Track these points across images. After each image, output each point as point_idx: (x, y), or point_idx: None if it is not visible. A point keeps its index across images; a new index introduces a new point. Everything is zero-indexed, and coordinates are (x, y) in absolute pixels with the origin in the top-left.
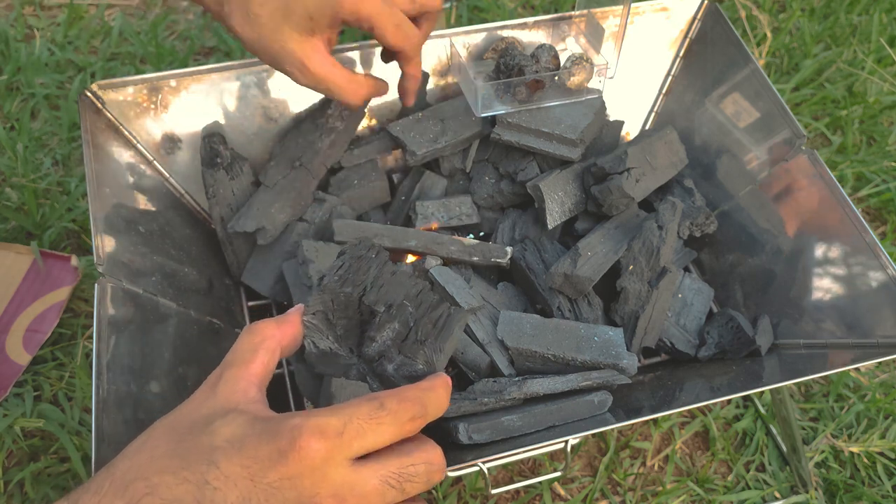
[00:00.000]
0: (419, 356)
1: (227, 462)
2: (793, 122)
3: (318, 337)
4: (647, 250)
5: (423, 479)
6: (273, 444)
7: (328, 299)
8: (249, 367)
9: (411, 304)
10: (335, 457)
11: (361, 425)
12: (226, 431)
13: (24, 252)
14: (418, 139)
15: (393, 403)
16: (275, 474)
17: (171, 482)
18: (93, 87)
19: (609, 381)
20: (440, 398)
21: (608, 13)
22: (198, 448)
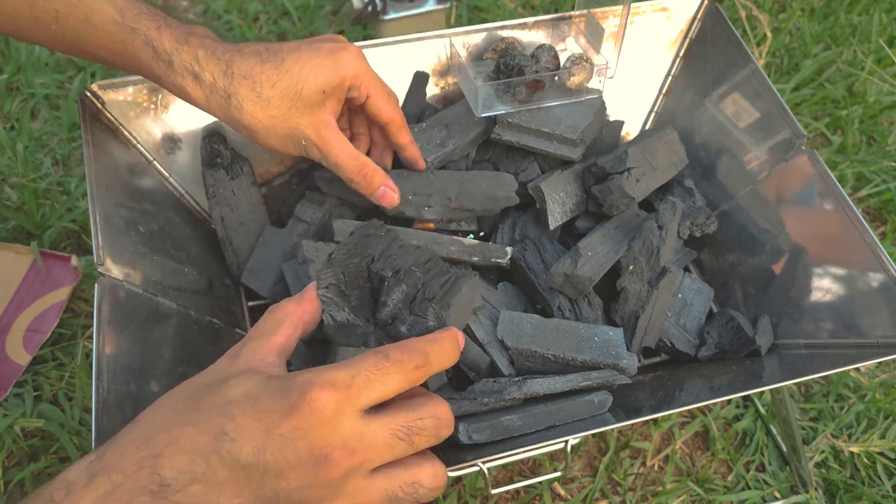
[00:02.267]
0: (429, 313)
1: (242, 415)
2: (793, 122)
3: (335, 310)
4: (648, 250)
5: (431, 432)
6: (285, 398)
7: (339, 272)
8: (271, 338)
9: (419, 270)
10: (345, 408)
11: (369, 376)
12: (241, 388)
13: (24, 252)
14: (426, 147)
15: (397, 354)
16: (287, 425)
17: (191, 433)
18: (93, 87)
19: (609, 381)
20: (445, 349)
21: (608, 13)
22: (215, 403)
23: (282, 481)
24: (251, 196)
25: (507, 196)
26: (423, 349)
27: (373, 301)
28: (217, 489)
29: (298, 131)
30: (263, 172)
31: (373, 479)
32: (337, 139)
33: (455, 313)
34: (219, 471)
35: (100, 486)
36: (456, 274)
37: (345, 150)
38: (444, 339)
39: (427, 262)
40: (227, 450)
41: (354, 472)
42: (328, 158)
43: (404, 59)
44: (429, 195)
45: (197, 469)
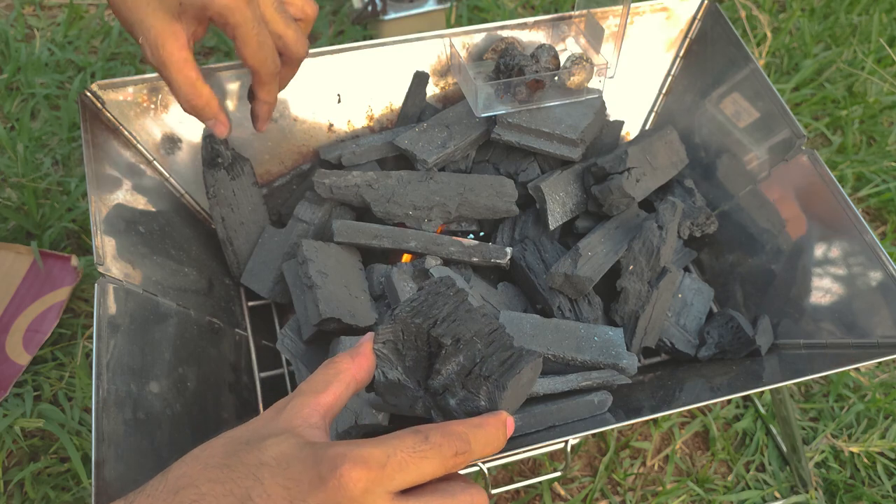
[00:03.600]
0: (481, 392)
1: (271, 480)
2: (793, 122)
3: (388, 367)
4: (648, 250)
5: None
6: (315, 469)
7: (398, 329)
8: (319, 396)
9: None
10: (375, 489)
11: (405, 458)
12: (275, 450)
13: (24, 252)
14: (427, 148)
15: (437, 437)
16: (313, 499)
17: (219, 492)
18: (93, 87)
19: (609, 381)
20: (489, 436)
21: (608, 13)
22: (247, 463)
23: None
24: (252, 196)
25: (508, 209)
26: (466, 435)
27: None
28: None
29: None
30: (264, 173)
31: None
32: (180, 50)
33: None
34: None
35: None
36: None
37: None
38: (490, 424)
39: (492, 333)
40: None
41: None
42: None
43: (404, 59)
44: (429, 209)
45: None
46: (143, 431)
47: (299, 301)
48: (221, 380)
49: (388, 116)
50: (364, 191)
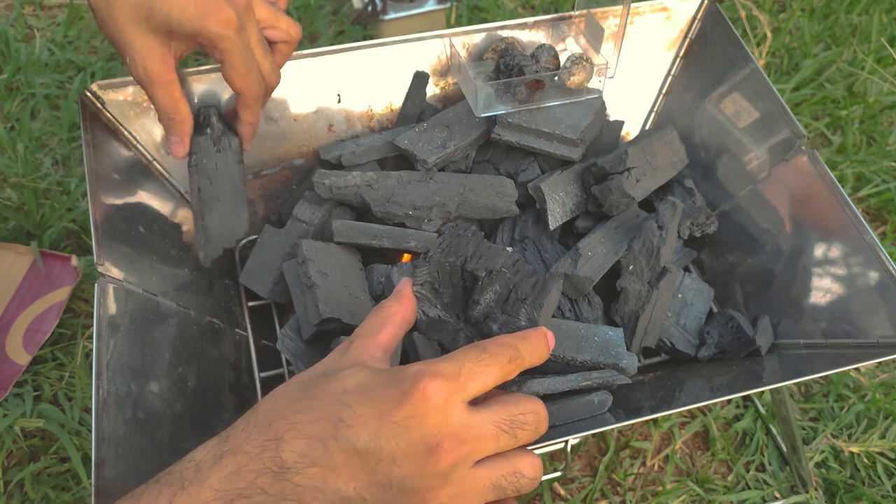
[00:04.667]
0: (521, 314)
1: (357, 403)
2: (793, 122)
3: (428, 306)
4: (648, 250)
5: (532, 427)
6: (398, 388)
7: (434, 270)
8: (377, 336)
9: (509, 271)
10: (453, 398)
11: (472, 368)
12: (354, 379)
13: (24, 252)
14: (427, 148)
15: (493, 347)
16: (400, 413)
17: (309, 420)
18: (93, 87)
19: (609, 381)
20: (535, 345)
21: (608, 13)
22: (330, 392)
23: (395, 468)
24: (234, 175)
25: (507, 209)
26: (515, 344)
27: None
28: (333, 473)
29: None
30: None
31: (477, 469)
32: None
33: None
34: (336, 455)
35: (226, 465)
36: (543, 277)
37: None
38: (534, 335)
39: (514, 263)
40: (344, 436)
41: (461, 463)
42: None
43: (404, 59)
44: (429, 209)
45: (315, 453)
46: (143, 431)
47: (299, 301)
48: (221, 380)
49: (388, 116)
50: (364, 191)
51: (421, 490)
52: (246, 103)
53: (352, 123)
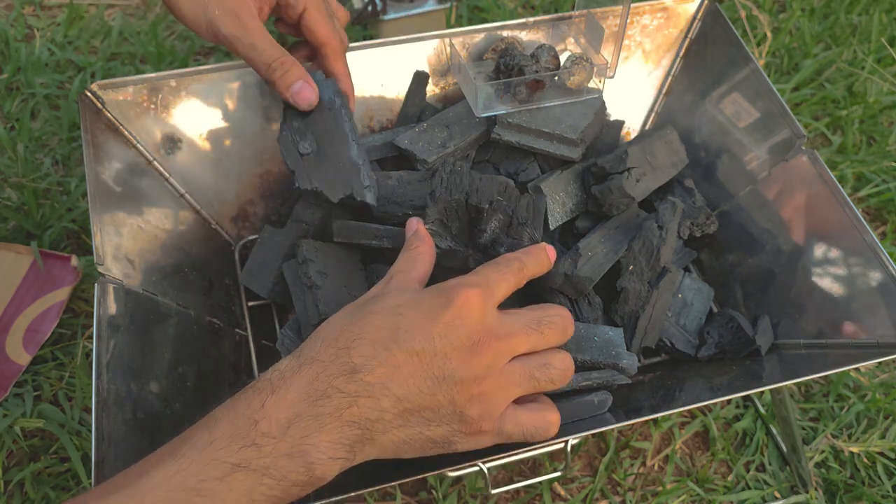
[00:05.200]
0: (524, 235)
1: (411, 313)
2: (793, 122)
3: (439, 240)
4: (648, 250)
5: (559, 326)
6: (443, 297)
7: (441, 208)
8: (412, 272)
9: (504, 199)
10: (487, 303)
11: (497, 277)
12: (403, 297)
13: (24, 252)
14: (427, 148)
15: (504, 261)
16: (448, 316)
17: (372, 329)
18: (93, 87)
19: (609, 381)
20: (538, 256)
21: (608, 13)
22: (384, 307)
23: (446, 362)
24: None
25: None
26: (521, 258)
27: (470, 229)
28: (397, 370)
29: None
30: (264, 173)
31: (513, 364)
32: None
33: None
34: (397, 356)
35: (307, 372)
36: (530, 197)
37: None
38: (535, 250)
39: (506, 190)
40: (403, 339)
41: (499, 356)
42: (244, 37)
43: (404, 59)
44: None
45: (380, 355)
46: (143, 431)
47: (299, 301)
48: (221, 380)
49: (388, 116)
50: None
51: (468, 380)
52: (335, 52)
53: None
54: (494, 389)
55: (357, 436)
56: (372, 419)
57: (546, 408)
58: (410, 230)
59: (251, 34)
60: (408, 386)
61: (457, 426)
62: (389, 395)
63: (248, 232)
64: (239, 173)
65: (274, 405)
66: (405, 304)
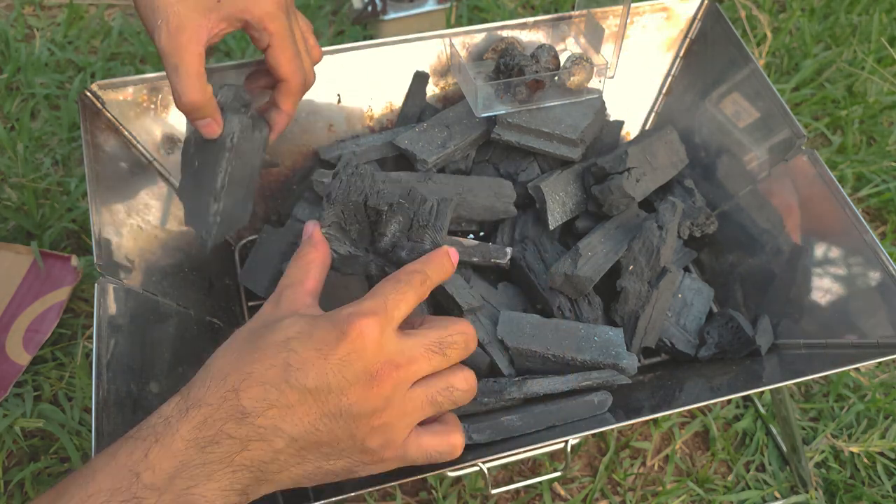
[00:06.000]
0: (426, 238)
1: (302, 348)
2: (793, 122)
3: (338, 245)
4: (647, 250)
5: (461, 345)
6: (336, 329)
7: (339, 210)
8: (304, 284)
9: (406, 201)
10: (385, 329)
11: (395, 298)
12: (294, 328)
13: (24, 252)
14: (427, 148)
15: (404, 275)
16: (342, 351)
17: (261, 368)
18: (93, 87)
19: (609, 381)
20: (438, 263)
21: (608, 13)
22: (274, 342)
23: (343, 398)
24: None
25: (506, 209)
26: (422, 269)
27: (370, 232)
28: (290, 411)
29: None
30: (264, 173)
31: (414, 389)
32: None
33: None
34: (289, 395)
35: (193, 417)
36: (437, 200)
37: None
38: (436, 256)
39: (409, 193)
40: (294, 378)
41: (399, 385)
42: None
43: (404, 59)
44: None
45: (271, 396)
46: None
47: None
48: None
49: (388, 116)
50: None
51: (367, 414)
52: (289, 91)
53: (352, 123)
54: (396, 418)
55: (249, 478)
56: (265, 461)
57: (450, 430)
58: (306, 234)
59: (181, 54)
60: (302, 425)
61: (358, 457)
62: (283, 436)
63: (248, 232)
64: None
65: (158, 455)
66: (296, 338)
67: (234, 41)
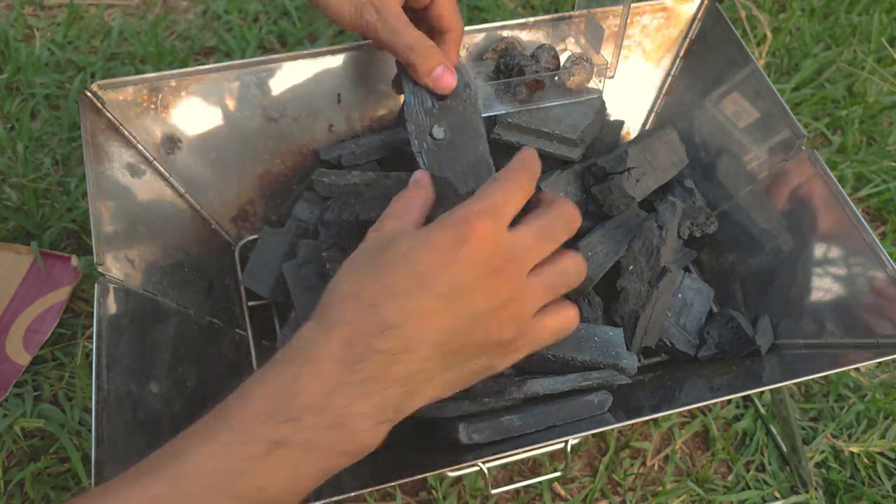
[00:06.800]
0: None
1: (427, 256)
2: (793, 122)
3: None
4: (647, 250)
5: (565, 226)
6: (454, 232)
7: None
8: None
9: None
10: (499, 228)
11: (503, 196)
12: (412, 240)
13: (24, 252)
14: None
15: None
16: (464, 252)
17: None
18: (93, 87)
19: (609, 381)
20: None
21: (608, 13)
22: (397, 256)
23: (473, 296)
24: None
25: None
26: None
27: None
28: (428, 318)
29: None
30: (264, 173)
31: (532, 278)
32: (397, 9)
33: None
34: (426, 303)
35: (338, 336)
36: None
37: (405, 20)
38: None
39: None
40: (427, 285)
41: (519, 276)
42: (386, 21)
43: None
44: None
45: (409, 305)
46: (143, 432)
47: (299, 301)
48: (221, 380)
49: (387, 116)
50: (363, 190)
51: (496, 308)
52: (456, 40)
53: (352, 123)
54: (522, 307)
55: (401, 394)
56: (413, 372)
57: (563, 306)
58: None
59: (393, 18)
60: (442, 330)
61: (495, 351)
62: (427, 343)
63: (248, 232)
64: (239, 173)
65: (309, 375)
66: (417, 248)
67: (234, 41)
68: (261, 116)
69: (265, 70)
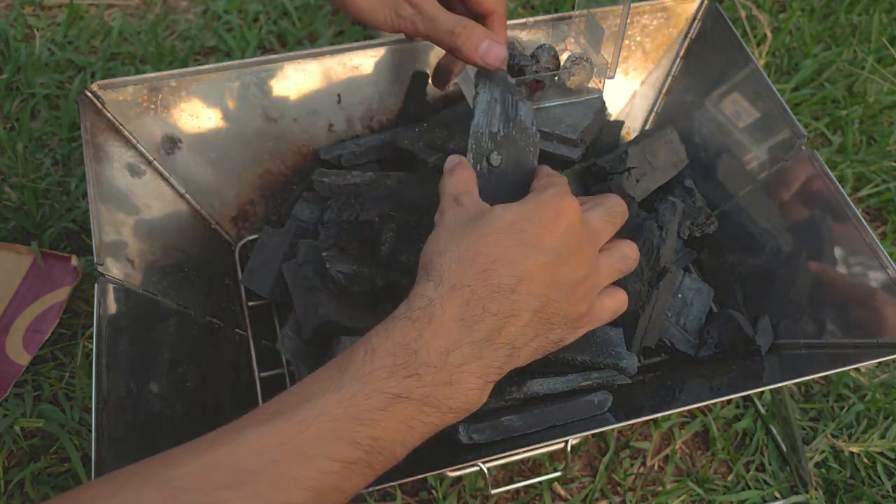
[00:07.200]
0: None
1: (529, 227)
2: (793, 122)
3: (342, 265)
4: (647, 250)
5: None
6: (553, 207)
7: (335, 232)
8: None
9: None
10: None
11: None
12: (511, 213)
13: (24, 252)
14: (427, 148)
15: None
16: (562, 224)
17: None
18: (93, 87)
19: (609, 381)
20: None
21: (608, 13)
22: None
23: (566, 267)
24: None
25: None
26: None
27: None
28: (533, 282)
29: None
30: (263, 173)
31: (601, 259)
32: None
33: None
34: (531, 269)
35: (458, 297)
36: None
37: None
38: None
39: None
40: (532, 252)
41: (593, 255)
42: (423, 12)
43: (404, 59)
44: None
45: (517, 271)
46: (143, 431)
47: (299, 301)
48: (221, 379)
49: (388, 116)
50: (363, 190)
51: (576, 281)
52: (501, 19)
53: (352, 123)
54: (594, 284)
55: (504, 356)
56: (516, 335)
57: (615, 288)
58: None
59: (430, 8)
60: (542, 298)
61: (569, 324)
62: (528, 309)
63: (248, 232)
64: (239, 173)
65: (432, 334)
66: (519, 219)
67: (234, 41)
68: (261, 116)
69: (265, 70)
